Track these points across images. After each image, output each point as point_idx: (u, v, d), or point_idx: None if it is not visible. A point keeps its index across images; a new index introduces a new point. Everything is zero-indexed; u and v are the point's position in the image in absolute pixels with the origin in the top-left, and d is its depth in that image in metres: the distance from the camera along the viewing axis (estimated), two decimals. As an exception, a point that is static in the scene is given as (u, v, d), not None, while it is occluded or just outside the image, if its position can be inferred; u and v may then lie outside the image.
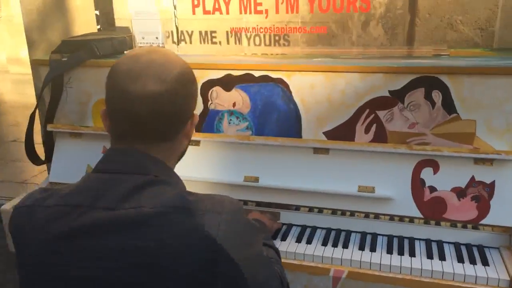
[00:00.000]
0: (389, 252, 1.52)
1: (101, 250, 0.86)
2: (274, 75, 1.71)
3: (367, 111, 1.64)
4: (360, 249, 1.54)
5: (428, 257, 1.48)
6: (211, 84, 1.78)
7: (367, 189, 1.60)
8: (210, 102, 1.81)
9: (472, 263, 1.44)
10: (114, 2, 2.48)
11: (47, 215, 0.90)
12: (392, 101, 1.61)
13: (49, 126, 1.97)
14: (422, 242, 1.56)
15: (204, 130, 1.82)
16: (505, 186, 1.51)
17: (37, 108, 2.06)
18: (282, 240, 1.61)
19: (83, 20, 2.76)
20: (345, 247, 1.55)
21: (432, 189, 1.56)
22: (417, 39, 2.15)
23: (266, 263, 1.02)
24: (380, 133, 1.64)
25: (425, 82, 1.56)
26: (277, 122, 1.74)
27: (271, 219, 1.63)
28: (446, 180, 1.55)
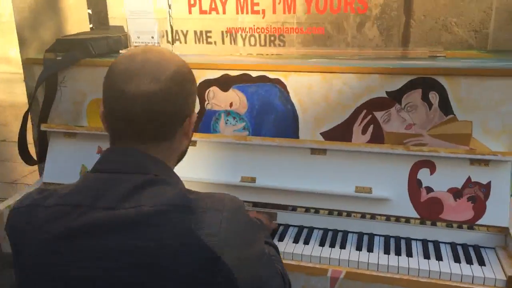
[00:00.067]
0: (386, 252, 1.52)
1: (101, 250, 0.85)
2: (272, 75, 1.71)
3: (364, 111, 1.65)
4: (358, 249, 1.54)
5: (425, 257, 1.48)
6: (208, 84, 1.78)
7: (364, 190, 1.61)
8: (207, 102, 1.80)
9: (469, 263, 1.45)
10: (108, 1, 2.46)
11: (47, 215, 0.89)
12: (390, 102, 1.62)
13: (43, 126, 1.95)
14: (418, 242, 1.57)
15: (201, 131, 1.81)
16: (501, 186, 1.52)
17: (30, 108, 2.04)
18: (280, 240, 1.60)
19: (76, 19, 2.73)
20: (342, 248, 1.55)
21: (429, 189, 1.57)
22: (412, 41, 2.16)
23: (268, 261, 1.02)
24: (377, 134, 1.65)
25: (423, 83, 1.57)
26: (274, 122, 1.74)
27: (267, 219, 1.62)
28: (443, 180, 1.56)
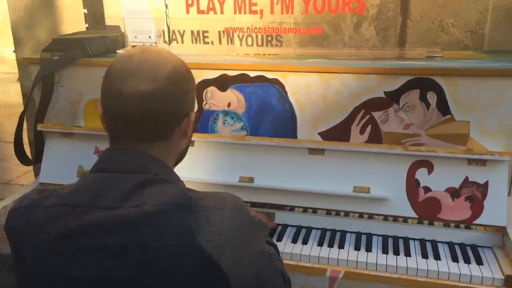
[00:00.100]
0: (384, 252, 1.52)
1: (101, 250, 0.85)
2: (270, 75, 1.71)
3: (362, 111, 1.65)
4: (356, 249, 1.54)
5: (423, 257, 1.49)
6: (206, 84, 1.77)
7: (362, 190, 1.61)
8: (204, 102, 1.79)
9: (467, 262, 1.46)
10: (104, 0, 2.45)
11: (47, 215, 0.89)
12: (387, 102, 1.62)
13: (39, 126, 1.93)
14: (416, 242, 1.57)
15: (199, 131, 1.80)
16: (498, 186, 1.53)
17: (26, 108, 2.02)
18: (278, 240, 1.60)
19: (72, 19, 2.72)
20: (341, 247, 1.55)
21: (427, 189, 1.58)
22: (409, 41, 2.17)
23: (268, 260, 1.02)
24: (375, 133, 1.65)
25: (420, 84, 1.58)
26: (272, 122, 1.74)
27: (266, 218, 1.62)
28: (440, 180, 1.57)
